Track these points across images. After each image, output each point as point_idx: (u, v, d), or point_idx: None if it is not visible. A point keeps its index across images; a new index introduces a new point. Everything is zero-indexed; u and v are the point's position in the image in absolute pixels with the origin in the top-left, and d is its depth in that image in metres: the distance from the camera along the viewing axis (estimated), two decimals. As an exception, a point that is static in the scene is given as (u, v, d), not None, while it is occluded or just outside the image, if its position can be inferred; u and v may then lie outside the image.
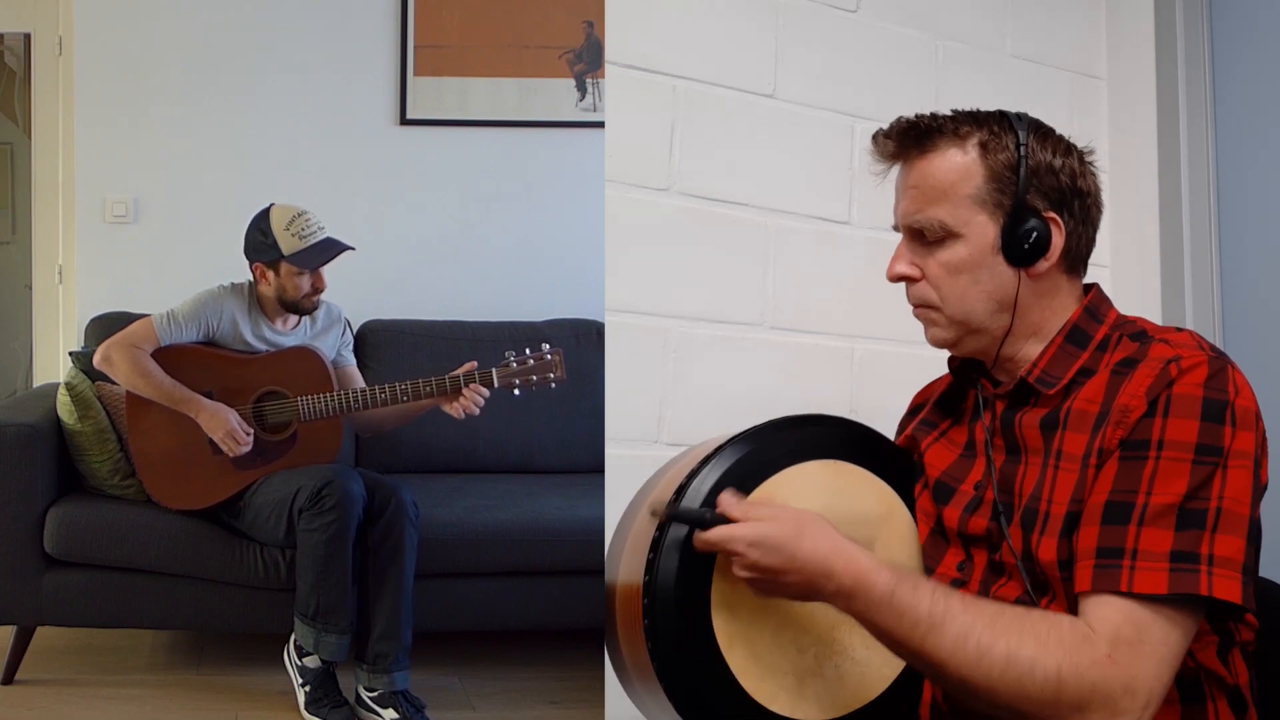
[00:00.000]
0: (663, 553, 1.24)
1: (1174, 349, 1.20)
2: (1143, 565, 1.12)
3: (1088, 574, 1.15)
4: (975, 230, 1.29)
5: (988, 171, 1.29)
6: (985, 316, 1.31)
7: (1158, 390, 1.17)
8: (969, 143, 1.30)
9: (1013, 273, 1.30)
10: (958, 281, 1.30)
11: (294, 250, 2.89)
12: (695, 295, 2.11)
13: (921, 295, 1.34)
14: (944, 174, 1.30)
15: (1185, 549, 1.12)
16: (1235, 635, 1.24)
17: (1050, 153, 1.30)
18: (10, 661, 2.92)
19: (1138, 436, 1.17)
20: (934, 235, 1.31)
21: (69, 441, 2.99)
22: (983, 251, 1.29)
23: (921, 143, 1.31)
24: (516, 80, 3.90)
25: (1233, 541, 1.13)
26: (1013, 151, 1.29)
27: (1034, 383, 1.30)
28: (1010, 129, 1.30)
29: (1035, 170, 1.29)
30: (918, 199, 1.31)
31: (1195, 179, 2.47)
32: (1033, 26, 2.46)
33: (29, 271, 4.12)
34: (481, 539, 2.98)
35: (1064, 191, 1.30)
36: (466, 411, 2.79)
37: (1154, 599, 1.11)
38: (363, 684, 2.75)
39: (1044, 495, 1.24)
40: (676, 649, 1.23)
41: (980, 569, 1.31)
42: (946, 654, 1.12)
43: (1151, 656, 1.10)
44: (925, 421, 1.46)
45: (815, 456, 1.35)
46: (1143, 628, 1.11)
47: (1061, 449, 1.24)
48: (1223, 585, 1.11)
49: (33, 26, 3.94)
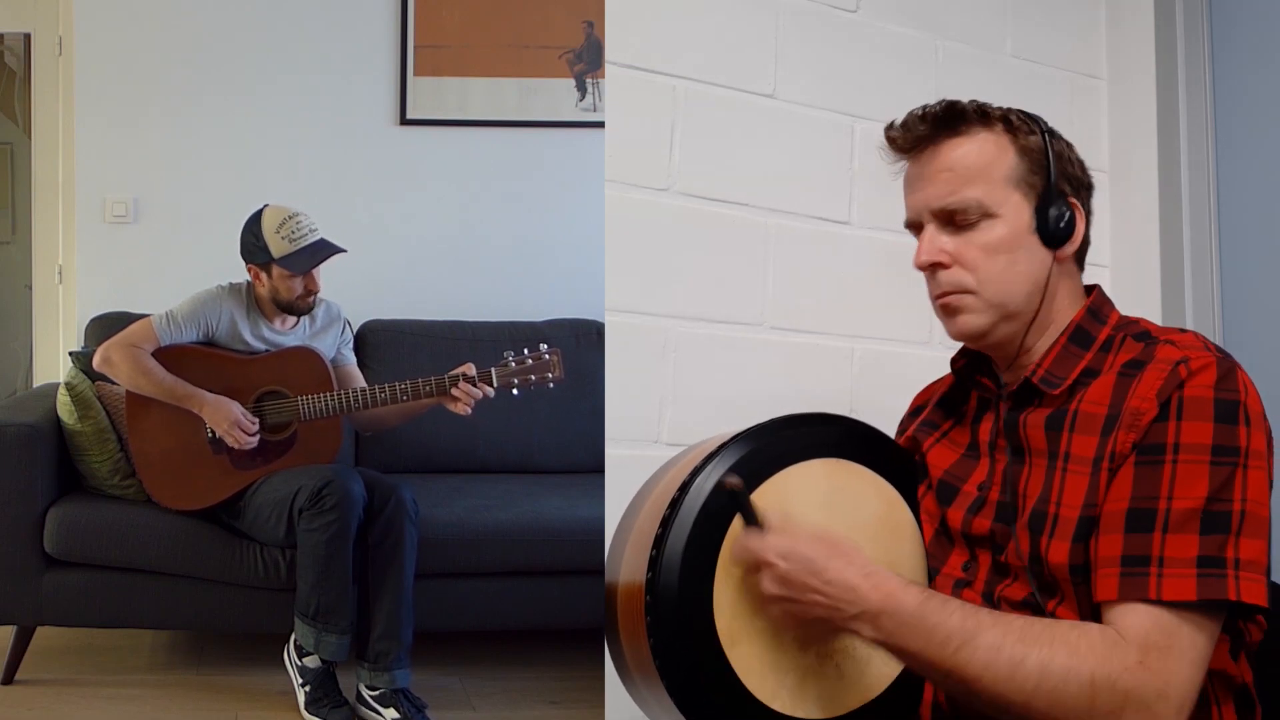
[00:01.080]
0: (666, 549, 1.24)
1: (1181, 350, 1.20)
2: (1170, 572, 1.12)
3: (1113, 582, 1.15)
4: (1011, 210, 1.29)
5: (1020, 151, 1.30)
6: (1022, 299, 1.30)
7: (1168, 392, 1.17)
8: (997, 126, 1.31)
9: (1046, 254, 1.30)
10: (996, 261, 1.29)
11: (284, 254, 2.88)
12: (695, 295, 2.11)
13: (956, 280, 1.30)
14: (979, 154, 1.30)
15: (1212, 554, 1.12)
16: (1246, 635, 1.24)
17: (1064, 144, 1.33)
18: (10, 661, 2.91)
19: (1152, 440, 1.17)
20: (969, 217, 1.29)
21: (69, 441, 2.99)
22: (1020, 231, 1.29)
23: (954, 125, 1.31)
24: (516, 80, 3.90)
25: (1257, 545, 1.14)
26: (1039, 135, 1.31)
27: (1038, 383, 1.30)
28: (1030, 118, 1.33)
29: (1059, 155, 1.31)
30: (951, 181, 1.30)
31: (1195, 179, 2.47)
32: (1033, 26, 2.46)
33: (29, 271, 4.12)
34: (481, 539, 2.98)
35: (1080, 182, 1.33)
36: (465, 406, 2.79)
37: (1182, 605, 1.12)
38: (364, 682, 2.75)
39: (1052, 498, 1.24)
40: (678, 646, 1.23)
41: (985, 569, 1.31)
42: (980, 668, 1.12)
43: (1182, 660, 1.11)
44: (927, 422, 1.45)
45: (818, 455, 1.35)
46: (1172, 633, 1.11)
47: (1070, 451, 1.24)
48: (1249, 589, 1.12)
49: (33, 26, 3.94)
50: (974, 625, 1.13)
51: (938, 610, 1.14)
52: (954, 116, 1.31)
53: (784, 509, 1.28)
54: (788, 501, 1.30)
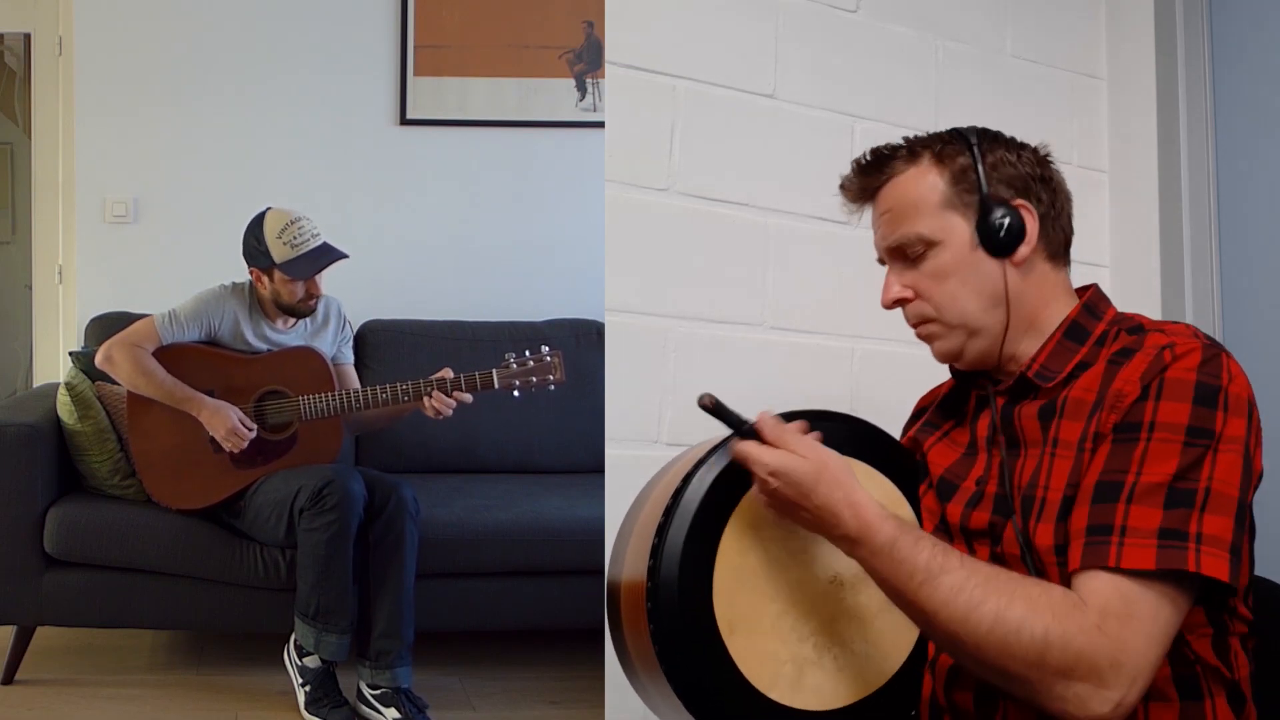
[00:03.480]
0: (667, 539, 1.26)
1: (1169, 337, 1.23)
2: (1131, 541, 1.14)
3: (1078, 552, 1.17)
4: (952, 233, 1.32)
5: (949, 176, 1.33)
6: (980, 314, 1.33)
7: (1151, 375, 1.19)
8: (923, 159, 1.34)
9: (997, 265, 1.32)
10: (946, 286, 1.33)
11: (285, 259, 2.88)
12: (695, 295, 2.12)
13: (918, 312, 1.36)
14: (908, 191, 1.34)
15: (1173, 526, 1.13)
16: (1230, 626, 1.24)
17: (1004, 148, 1.34)
18: (10, 661, 2.92)
19: (1130, 419, 1.19)
20: (915, 250, 1.34)
21: (69, 441, 2.99)
22: (963, 251, 1.32)
23: (880, 171, 1.36)
24: (516, 80, 3.90)
25: (1221, 521, 1.14)
26: (967, 154, 1.33)
27: (1033, 377, 1.31)
28: (959, 137, 1.35)
29: (993, 165, 1.33)
30: (891, 221, 1.35)
31: (1195, 179, 2.47)
32: (1033, 26, 2.47)
33: (29, 271, 4.13)
34: (481, 539, 2.98)
35: (1027, 179, 1.33)
36: (438, 413, 2.80)
37: (1143, 575, 1.13)
38: (365, 681, 2.76)
39: (1040, 482, 1.26)
40: (678, 634, 1.24)
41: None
42: (938, 605, 1.15)
43: (1140, 632, 1.12)
44: (928, 423, 1.47)
45: None
46: (1131, 602, 1.12)
47: (1059, 437, 1.26)
48: (1210, 563, 1.12)
49: (33, 26, 3.94)
50: (939, 565, 1.16)
51: (909, 546, 1.18)
52: (880, 162, 1.36)
53: None
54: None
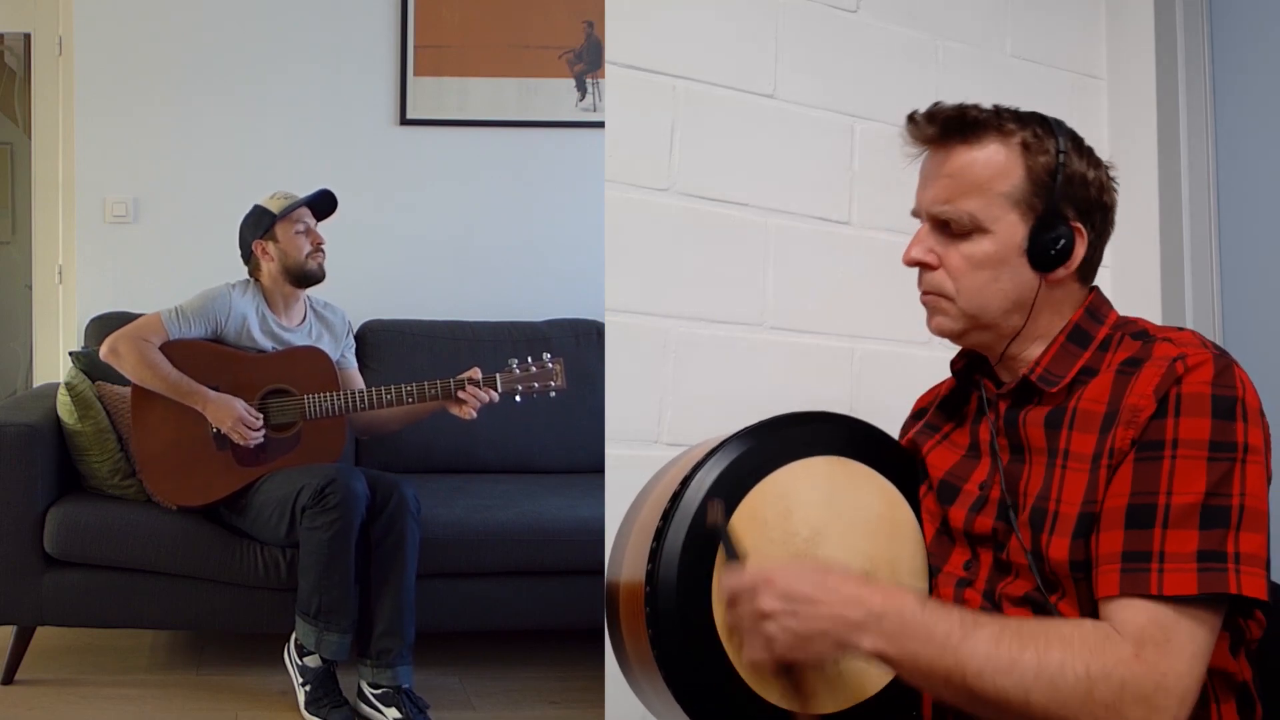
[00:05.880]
0: (666, 542, 1.26)
1: (1178, 347, 1.21)
2: (1171, 567, 1.13)
3: (1114, 578, 1.15)
4: (1004, 228, 1.28)
5: (1026, 172, 1.28)
6: (998, 314, 1.31)
7: (1165, 389, 1.18)
8: (1012, 140, 1.29)
9: (1033, 276, 1.29)
10: (977, 276, 1.30)
11: (283, 208, 2.98)
12: (695, 295, 2.12)
13: (937, 284, 1.32)
14: (983, 167, 1.29)
15: (1212, 548, 1.13)
16: (1246, 632, 1.25)
17: (1084, 163, 1.30)
18: (10, 661, 2.91)
19: (1150, 437, 1.17)
20: (961, 228, 1.29)
21: (69, 441, 2.99)
22: (1008, 250, 1.29)
23: (966, 132, 1.30)
24: (516, 80, 3.90)
25: (1256, 539, 1.14)
26: (1052, 156, 1.28)
27: (1036, 381, 1.30)
28: (1051, 133, 1.30)
29: (1070, 178, 1.29)
30: (951, 188, 1.30)
31: (1195, 179, 2.47)
32: (1033, 26, 2.47)
33: (29, 271, 4.12)
34: (481, 539, 2.98)
35: (1091, 203, 1.30)
36: (470, 410, 2.81)
37: (1182, 600, 1.12)
38: (366, 680, 2.75)
39: (1052, 495, 1.24)
40: (676, 636, 1.24)
41: (986, 568, 1.32)
42: (983, 660, 1.11)
43: (1180, 654, 1.11)
44: (928, 425, 1.46)
45: (819, 453, 1.36)
46: (1168, 628, 1.12)
47: (1069, 449, 1.25)
48: (1250, 583, 1.13)
49: (33, 26, 3.94)
50: (973, 622, 1.14)
51: (938, 608, 1.16)
52: (965, 123, 1.30)
53: (785, 505, 1.29)
54: (789, 498, 1.31)
